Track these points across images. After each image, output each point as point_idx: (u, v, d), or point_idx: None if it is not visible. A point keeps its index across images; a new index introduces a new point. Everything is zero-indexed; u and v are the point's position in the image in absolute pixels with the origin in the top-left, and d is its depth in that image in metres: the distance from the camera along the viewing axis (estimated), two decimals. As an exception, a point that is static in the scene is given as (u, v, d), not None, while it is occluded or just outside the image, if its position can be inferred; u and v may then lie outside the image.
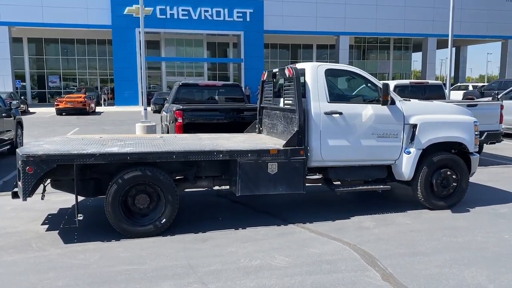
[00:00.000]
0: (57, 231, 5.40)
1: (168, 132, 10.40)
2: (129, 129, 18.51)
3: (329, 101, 5.88)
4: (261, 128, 7.53)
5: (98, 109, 32.40)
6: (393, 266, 4.29)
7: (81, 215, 6.05)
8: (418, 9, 41.73)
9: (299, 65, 6.12)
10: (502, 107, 9.92)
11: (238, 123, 8.38)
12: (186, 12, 36.19)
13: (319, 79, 5.91)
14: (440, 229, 5.42)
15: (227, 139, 6.51)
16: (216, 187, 6.18)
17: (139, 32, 35.73)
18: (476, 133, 6.45)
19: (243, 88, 10.42)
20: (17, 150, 5.16)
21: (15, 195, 5.29)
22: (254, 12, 37.62)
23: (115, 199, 5.05)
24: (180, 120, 8.05)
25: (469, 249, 4.76)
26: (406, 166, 6.10)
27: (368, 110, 5.98)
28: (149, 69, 43.76)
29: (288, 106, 6.25)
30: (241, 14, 37.42)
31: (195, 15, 36.58)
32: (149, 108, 33.47)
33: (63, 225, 5.61)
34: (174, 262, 4.40)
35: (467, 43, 51.84)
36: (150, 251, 4.70)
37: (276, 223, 5.66)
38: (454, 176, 6.26)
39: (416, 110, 6.18)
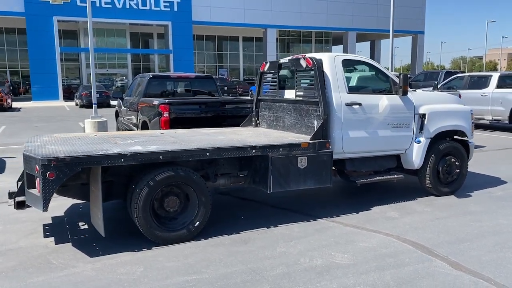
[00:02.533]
0: (69, 243, 4.75)
1: (129, 129, 9.72)
2: (69, 126, 17.13)
3: (348, 92, 5.81)
4: (258, 122, 7.27)
5: (14, 104, 29.51)
6: (452, 254, 4.34)
7: (84, 223, 5.43)
8: (339, 4, 43.45)
9: (311, 56, 5.95)
10: (460, 96, 10.60)
11: (227, 116, 8.02)
12: (109, 0, 34.12)
13: (337, 70, 5.80)
14: (461, 215, 5.62)
15: (235, 133, 6.19)
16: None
17: (58, 21, 33.30)
18: (472, 121, 6.79)
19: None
20: (25, 153, 4.42)
21: (20, 206, 4.56)
22: (182, 2, 36.56)
23: (147, 204, 4.54)
24: (166, 114, 7.49)
25: (506, 232, 4.97)
26: (416, 155, 6.23)
27: (383, 101, 6.00)
28: (67, 61, 40.87)
29: (301, 98, 6.08)
30: (168, 4, 36.15)
31: (119, 4, 34.66)
32: (71, 103, 31.27)
33: (72, 236, 4.95)
34: (232, 268, 4.06)
35: (381, 37, 54.99)
36: (196, 258, 4.30)
37: (304, 219, 5.49)
38: (457, 163, 6.54)
39: (423, 100, 6.33)
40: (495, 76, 14.19)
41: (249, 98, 9.15)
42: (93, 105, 12.69)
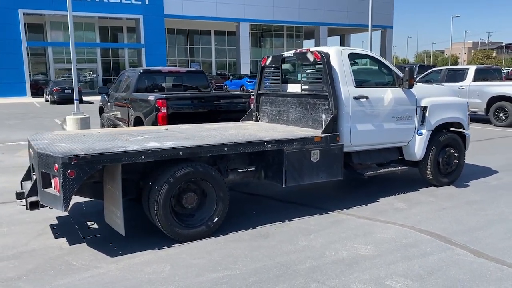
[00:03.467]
0: (83, 243, 4.61)
1: (117, 125, 9.51)
2: (46, 123, 16.60)
3: (355, 85, 5.87)
4: (258, 116, 7.25)
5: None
6: (469, 243, 4.47)
7: (92, 222, 5.28)
8: (311, -2, 43.76)
9: (319, 49, 5.97)
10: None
11: (223, 111, 7.96)
12: (78, -7, 33.07)
13: (344, 63, 5.85)
14: (464, 205, 5.80)
15: (241, 128, 6.16)
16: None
17: (24, 14, 32.05)
18: (468, 113, 7.00)
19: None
20: (39, 151, 4.25)
21: (33, 206, 4.38)
22: (153, -5, 35.91)
23: (167, 201, 4.45)
24: (163, 110, 7.36)
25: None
26: (418, 147, 6.37)
27: (388, 94, 6.10)
28: (32, 56, 39.43)
29: (307, 92, 6.10)
30: (139, -3, 35.45)
31: (88, -4, 33.71)
32: (40, 99, 30.20)
33: (85, 236, 4.81)
34: (260, 263, 4.04)
35: (350, 32, 55.79)
36: (221, 254, 4.26)
37: (316, 212, 5.53)
38: (455, 154, 6.73)
39: (424, 93, 6.47)
40: (471, 70, 14.66)
41: (245, 93, 9.09)
42: (75, 101, 12.31)
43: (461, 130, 6.99)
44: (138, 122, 8.34)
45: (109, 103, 10.65)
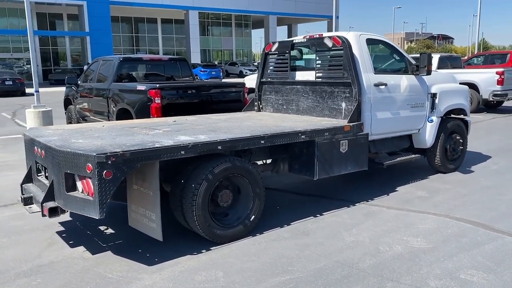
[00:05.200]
0: (107, 252, 4.09)
1: (88, 118, 8.80)
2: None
3: (374, 72, 5.69)
4: (261, 106, 6.90)
5: None
6: (510, 229, 4.45)
7: (106, 227, 4.75)
8: (260, -13, 43.49)
9: (334, 35, 5.71)
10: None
11: (219, 101, 7.53)
12: (13, -24, 30.64)
13: (363, 49, 5.64)
14: (481, 190, 5.83)
15: (253, 119, 5.80)
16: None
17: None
18: (469, 99, 7.07)
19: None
20: (60, 149, 3.67)
21: (53, 213, 3.80)
22: (97, -20, 34.02)
23: (205, 200, 4.03)
24: (158, 101, 6.81)
25: (534, 204, 5.25)
26: (429, 134, 6.33)
27: (404, 81, 5.98)
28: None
29: (322, 80, 5.84)
30: (82, -18, 33.45)
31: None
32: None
33: (106, 244, 4.28)
34: (319, 264, 3.75)
35: (297, 22, 56.20)
36: (270, 256, 3.92)
37: (343, 204, 5.32)
38: (461, 140, 6.77)
39: (433, 79, 6.42)
40: (435, 58, 15.06)
41: (238, 81, 8.66)
42: (35, 93, 11.22)
43: (461, 116, 7.04)
44: (123, 115, 7.70)
45: (78, 95, 9.82)
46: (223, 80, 29.80)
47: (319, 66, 5.89)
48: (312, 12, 48.94)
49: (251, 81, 9.87)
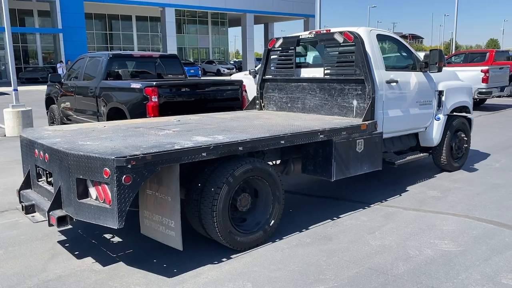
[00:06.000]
0: (119, 263, 3.77)
1: (72, 118, 8.38)
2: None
3: (385, 69, 5.52)
4: (263, 104, 6.65)
5: None
6: (537, 229, 4.35)
7: (112, 235, 4.41)
8: (237, -16, 43.11)
9: (345, 30, 5.51)
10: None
11: (217, 100, 7.23)
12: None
13: (374, 45, 5.47)
14: (493, 188, 5.75)
15: (261, 119, 5.54)
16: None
17: None
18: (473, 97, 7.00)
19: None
20: (71, 152, 3.32)
21: (61, 222, 3.45)
22: (70, -24, 32.96)
23: (226, 205, 3.76)
24: (155, 99, 6.46)
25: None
26: (436, 132, 6.22)
27: (413, 78, 5.84)
28: None
29: (331, 76, 5.64)
30: (54, -22, 32.32)
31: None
32: None
33: (116, 254, 3.95)
34: (351, 271, 3.54)
35: (274, 20, 56.09)
36: (298, 263, 3.68)
37: (356, 206, 5.13)
38: (465, 138, 6.70)
39: (439, 77, 6.31)
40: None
41: (236, 79, 8.37)
42: (13, 92, 10.63)
43: (463, 114, 6.97)
44: (114, 114, 7.31)
45: (62, 93, 9.33)
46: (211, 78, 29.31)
47: (328, 62, 5.68)
48: (289, 10, 48.84)
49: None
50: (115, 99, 7.27)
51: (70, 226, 4.44)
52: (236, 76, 13.08)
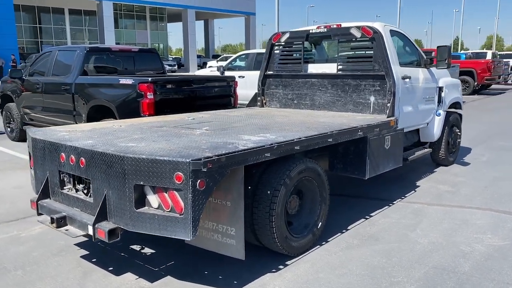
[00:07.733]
0: (165, 276, 3.38)
1: (40, 118, 7.66)
2: None
3: (400, 65, 5.49)
4: (265, 101, 6.40)
5: None
6: (562, 220, 4.51)
7: (141, 246, 3.98)
8: (177, -21, 42.03)
9: (363, 25, 5.40)
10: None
11: (211, 97, 6.88)
12: None
13: (389, 41, 5.41)
14: (496, 181, 5.95)
15: (280, 117, 5.30)
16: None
17: None
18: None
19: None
20: (124, 155, 2.89)
21: (112, 235, 3.01)
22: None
23: (283, 208, 3.50)
24: (150, 96, 5.99)
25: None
26: (437, 128, 6.32)
27: (421, 74, 5.88)
28: None
29: (346, 72, 5.53)
30: (-23, -36, 29.50)
31: None
32: None
33: (159, 267, 3.54)
34: (419, 272, 3.42)
35: (215, 17, 55.48)
36: (359, 267, 3.50)
37: (379, 203, 5.07)
38: (459, 133, 6.90)
39: (438, 73, 6.42)
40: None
41: (229, 75, 7.98)
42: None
43: (452, 109, 7.16)
44: (95, 112, 6.72)
45: (23, 91, 8.45)
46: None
47: (342, 58, 5.55)
48: (230, 8, 48.52)
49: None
50: (98, 96, 6.67)
51: (83, 238, 3.96)
52: (200, 72, 12.66)
